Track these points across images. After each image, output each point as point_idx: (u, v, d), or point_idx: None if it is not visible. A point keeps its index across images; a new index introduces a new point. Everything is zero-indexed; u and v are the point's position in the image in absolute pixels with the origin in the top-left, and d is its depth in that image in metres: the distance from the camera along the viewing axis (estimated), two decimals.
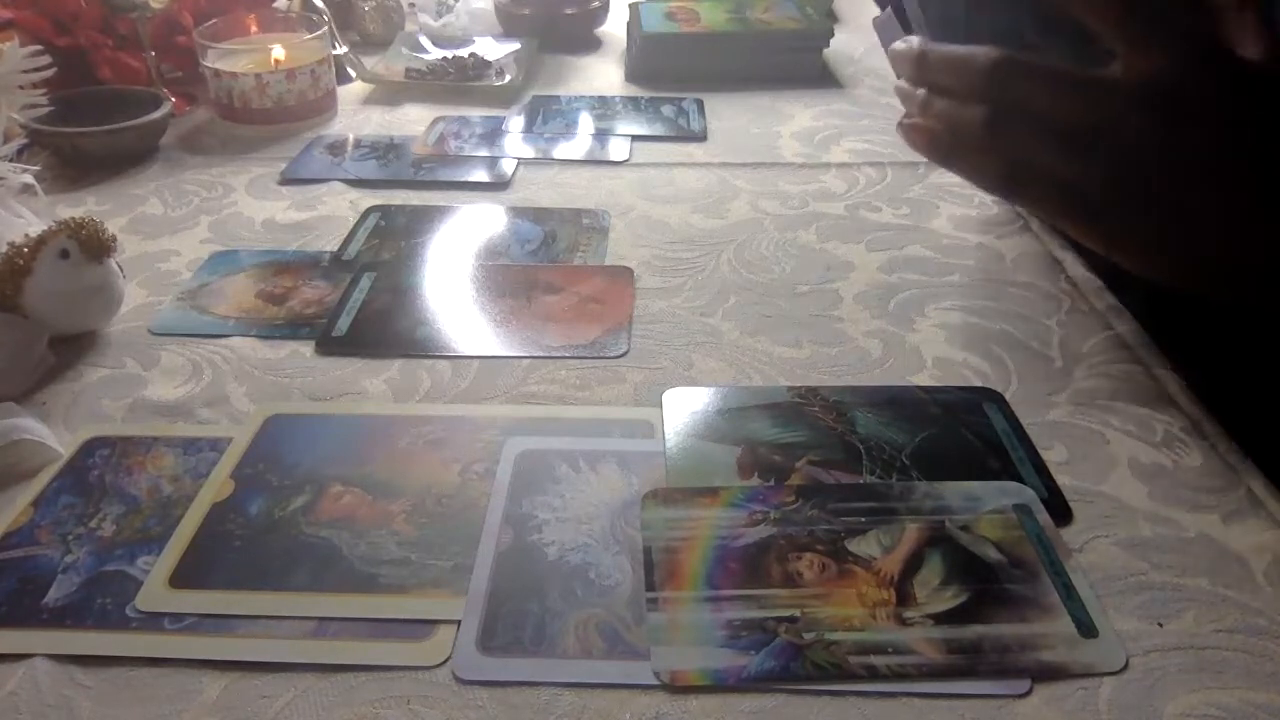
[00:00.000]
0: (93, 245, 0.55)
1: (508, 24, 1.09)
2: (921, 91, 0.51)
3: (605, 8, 1.10)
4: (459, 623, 0.40)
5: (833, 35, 0.99)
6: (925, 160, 0.79)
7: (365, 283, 0.63)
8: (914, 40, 0.51)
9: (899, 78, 0.54)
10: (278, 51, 0.86)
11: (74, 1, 0.83)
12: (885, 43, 0.56)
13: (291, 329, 0.59)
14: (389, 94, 0.95)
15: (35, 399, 0.53)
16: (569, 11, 1.08)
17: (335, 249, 0.67)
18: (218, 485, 0.47)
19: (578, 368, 0.55)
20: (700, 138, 0.85)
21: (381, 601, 0.41)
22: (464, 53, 1.00)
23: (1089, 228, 0.47)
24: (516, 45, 1.03)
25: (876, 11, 0.59)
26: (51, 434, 0.49)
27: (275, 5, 0.96)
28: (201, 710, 0.37)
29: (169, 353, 0.57)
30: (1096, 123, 0.43)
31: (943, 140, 0.50)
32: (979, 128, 0.47)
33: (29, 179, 0.66)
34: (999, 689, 0.37)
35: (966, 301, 0.61)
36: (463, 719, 0.36)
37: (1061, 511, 0.45)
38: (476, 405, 0.52)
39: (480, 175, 0.79)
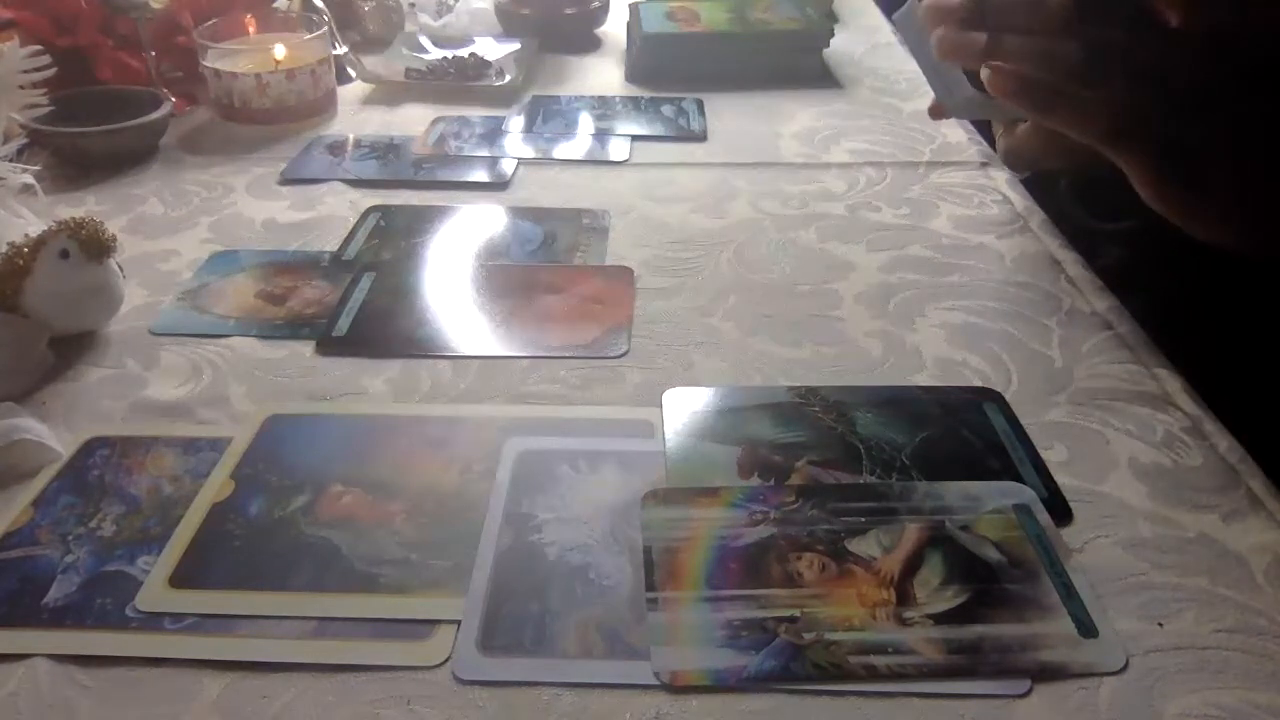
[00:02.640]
0: (93, 245, 0.55)
1: (508, 24, 1.09)
2: (982, 36, 0.46)
3: (605, 8, 1.10)
4: (459, 623, 0.40)
5: (833, 35, 0.99)
6: (925, 160, 0.80)
7: (365, 283, 0.63)
8: None
9: (935, 26, 0.49)
10: (278, 51, 0.86)
11: (74, 1, 0.83)
12: (906, 35, 0.55)
13: (291, 329, 0.59)
14: (389, 94, 0.95)
15: (35, 399, 0.53)
16: (569, 11, 1.08)
17: (335, 249, 0.67)
18: (218, 485, 0.47)
19: (578, 368, 0.55)
20: (700, 138, 0.85)
21: (381, 601, 0.41)
22: (464, 53, 1.00)
23: (1145, 172, 0.44)
24: (516, 45, 1.03)
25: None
26: (51, 434, 0.49)
27: (275, 5, 0.96)
28: (201, 710, 0.37)
29: (169, 353, 0.57)
30: (1165, 70, 0.41)
31: (1038, 86, 0.45)
32: (1077, 65, 0.43)
33: (29, 179, 0.66)
34: (999, 689, 0.37)
35: (966, 301, 0.61)
36: (463, 719, 0.36)
37: (1061, 511, 0.45)
38: (476, 405, 0.52)
39: (480, 175, 0.79)
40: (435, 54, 1.01)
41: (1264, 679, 0.37)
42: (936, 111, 0.60)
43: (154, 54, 0.85)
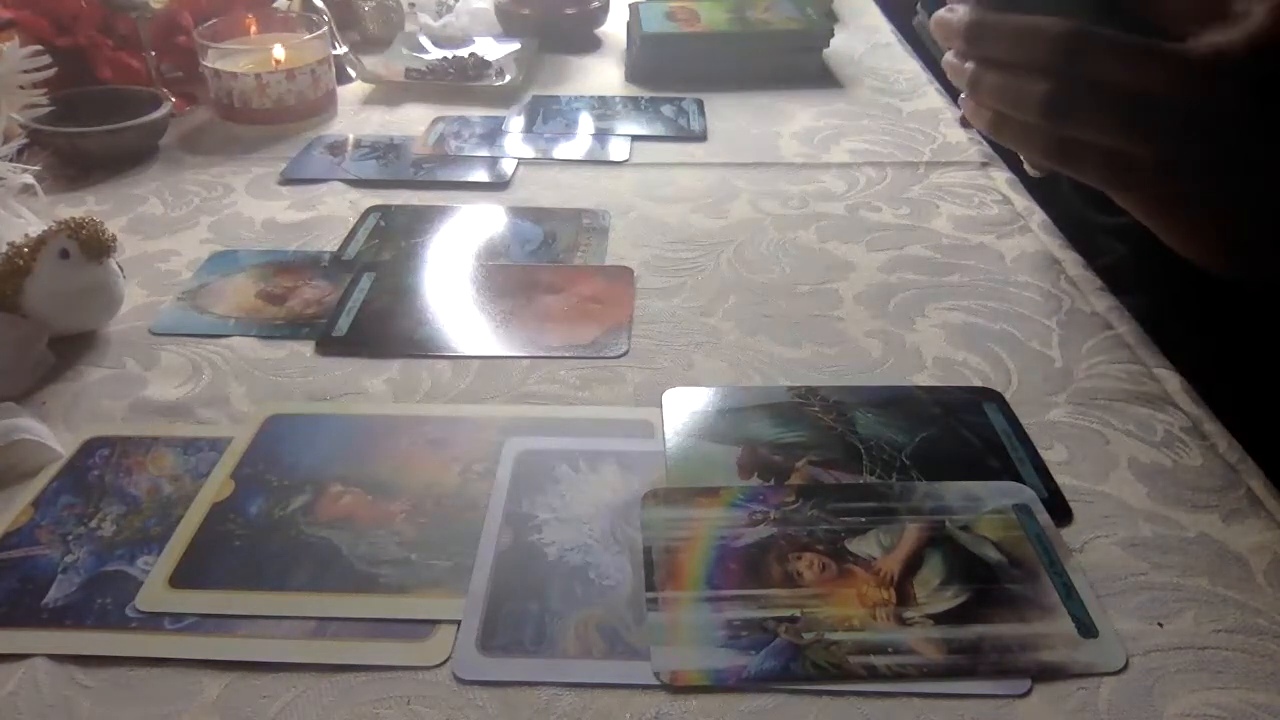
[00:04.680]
0: (93, 245, 0.55)
1: (508, 24, 1.09)
2: (970, 65, 0.48)
3: (605, 8, 1.10)
4: (459, 623, 0.40)
5: (833, 35, 0.99)
6: (925, 160, 0.80)
7: (365, 283, 0.63)
8: (961, 9, 0.48)
9: (944, 49, 0.51)
10: (278, 51, 0.86)
11: (74, 1, 0.83)
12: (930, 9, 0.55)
13: (291, 329, 0.59)
14: (389, 94, 0.95)
15: (35, 399, 0.53)
16: (569, 11, 1.08)
17: (335, 249, 0.67)
18: (218, 485, 0.47)
19: (578, 368, 0.55)
20: (700, 138, 0.85)
21: (381, 601, 0.41)
22: (464, 53, 1.00)
23: (1137, 197, 0.45)
24: (516, 45, 1.03)
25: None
26: (51, 434, 0.49)
27: (275, 5, 0.96)
28: (201, 710, 0.37)
29: (169, 353, 0.57)
30: (1167, 96, 0.42)
31: (995, 119, 0.48)
32: (1038, 105, 0.44)
33: (29, 179, 0.66)
34: (999, 689, 0.37)
35: (966, 301, 0.61)
36: (463, 719, 0.36)
37: (1061, 511, 0.45)
38: (476, 405, 0.52)
39: (480, 175, 0.79)
40: (435, 54, 1.01)
41: (1264, 679, 0.37)
42: (967, 121, 0.60)
43: (154, 54, 0.85)
